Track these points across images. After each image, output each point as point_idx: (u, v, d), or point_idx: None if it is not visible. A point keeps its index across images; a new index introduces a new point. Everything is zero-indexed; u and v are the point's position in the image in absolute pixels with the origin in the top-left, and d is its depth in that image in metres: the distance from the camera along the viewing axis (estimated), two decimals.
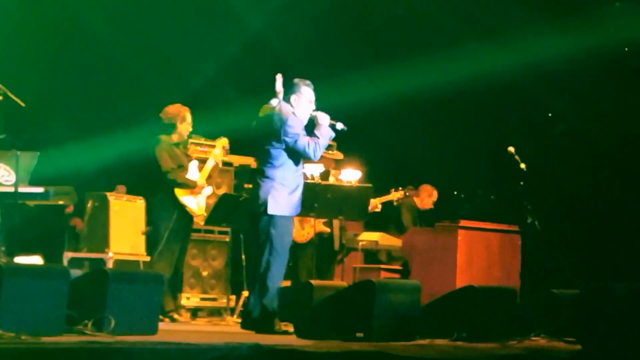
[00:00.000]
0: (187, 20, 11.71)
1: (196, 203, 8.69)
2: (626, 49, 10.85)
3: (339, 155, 9.58)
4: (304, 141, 7.25)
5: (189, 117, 8.68)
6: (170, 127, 8.67)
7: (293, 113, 7.32)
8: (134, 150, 9.24)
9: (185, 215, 8.64)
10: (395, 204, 10.58)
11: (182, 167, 8.69)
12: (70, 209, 10.49)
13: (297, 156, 7.34)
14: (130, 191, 10.03)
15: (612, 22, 10.69)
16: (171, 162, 8.59)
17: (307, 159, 7.52)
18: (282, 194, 7.28)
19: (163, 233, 8.47)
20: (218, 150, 8.96)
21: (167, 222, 8.49)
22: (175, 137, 8.69)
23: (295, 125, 7.26)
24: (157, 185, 8.62)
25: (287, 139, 7.23)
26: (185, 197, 8.61)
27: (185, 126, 8.67)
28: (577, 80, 11.22)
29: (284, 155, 7.29)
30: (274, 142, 7.26)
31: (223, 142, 9.07)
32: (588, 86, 11.18)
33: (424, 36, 11.57)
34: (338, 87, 10.78)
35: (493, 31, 11.20)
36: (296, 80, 7.41)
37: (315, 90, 7.45)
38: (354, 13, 12.05)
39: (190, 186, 8.63)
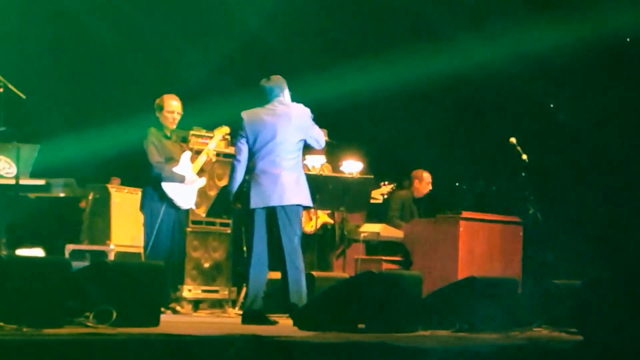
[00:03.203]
0: (183, 14, 11.73)
1: (184, 195, 8.45)
2: (628, 39, 10.82)
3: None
4: (321, 132, 7.40)
5: (171, 104, 8.38)
6: (157, 118, 8.47)
7: None
8: (130, 142, 9.15)
9: (176, 207, 8.47)
10: (385, 197, 10.53)
11: (172, 159, 8.46)
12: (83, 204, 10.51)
13: (306, 148, 7.45)
14: (125, 183, 10.01)
15: (604, 11, 10.66)
16: (157, 156, 8.35)
17: (314, 149, 7.63)
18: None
19: (154, 225, 8.32)
20: (212, 145, 8.76)
21: (156, 214, 8.32)
22: (163, 127, 8.44)
23: None
24: (146, 178, 8.42)
25: (315, 132, 7.30)
26: (172, 189, 8.38)
27: (164, 115, 8.38)
28: (571, 71, 11.21)
29: (302, 147, 7.32)
30: (299, 135, 7.23)
31: (223, 130, 8.89)
32: (582, 77, 11.16)
33: (424, 28, 11.56)
34: (338, 80, 10.80)
35: (492, 23, 11.20)
36: (280, 78, 7.34)
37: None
38: (349, 5, 12.05)
39: (178, 180, 8.40)
